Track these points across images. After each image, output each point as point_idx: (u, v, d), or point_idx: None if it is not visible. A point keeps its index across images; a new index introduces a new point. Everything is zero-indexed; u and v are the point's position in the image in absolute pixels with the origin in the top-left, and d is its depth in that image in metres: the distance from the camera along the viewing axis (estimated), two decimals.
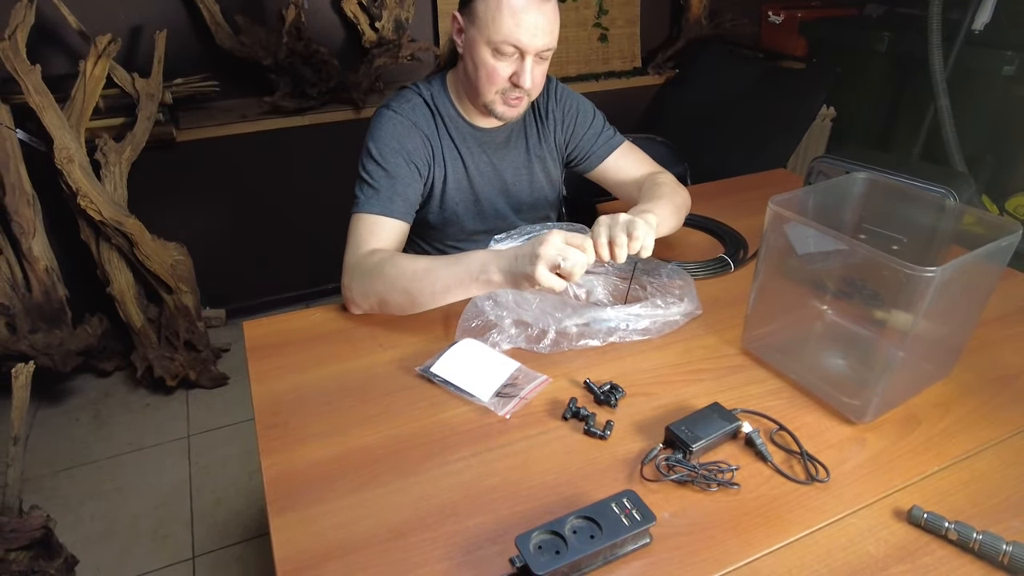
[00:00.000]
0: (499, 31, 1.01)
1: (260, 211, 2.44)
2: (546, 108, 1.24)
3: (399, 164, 1.10)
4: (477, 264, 0.93)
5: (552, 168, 1.29)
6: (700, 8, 2.85)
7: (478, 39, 1.04)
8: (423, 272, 0.97)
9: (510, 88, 1.07)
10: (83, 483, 1.85)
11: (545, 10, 1.01)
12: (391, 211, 1.08)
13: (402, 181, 1.09)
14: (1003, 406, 0.89)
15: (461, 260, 0.95)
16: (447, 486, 0.76)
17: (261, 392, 0.91)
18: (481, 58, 1.05)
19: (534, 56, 1.04)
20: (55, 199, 1.92)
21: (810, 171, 1.28)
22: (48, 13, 1.87)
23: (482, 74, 1.06)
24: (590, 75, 2.73)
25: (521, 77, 1.05)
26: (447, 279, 0.95)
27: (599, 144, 1.27)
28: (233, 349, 2.35)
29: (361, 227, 1.07)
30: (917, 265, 0.72)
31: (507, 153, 1.22)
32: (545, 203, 1.31)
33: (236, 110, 2.23)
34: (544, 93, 1.24)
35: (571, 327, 0.97)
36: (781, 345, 0.98)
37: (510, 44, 1.02)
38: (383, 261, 1.01)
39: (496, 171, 1.22)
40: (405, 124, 1.12)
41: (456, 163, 1.18)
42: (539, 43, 1.02)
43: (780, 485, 0.76)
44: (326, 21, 2.32)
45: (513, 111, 1.11)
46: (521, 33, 1.01)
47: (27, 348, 1.90)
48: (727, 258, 1.21)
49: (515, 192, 1.25)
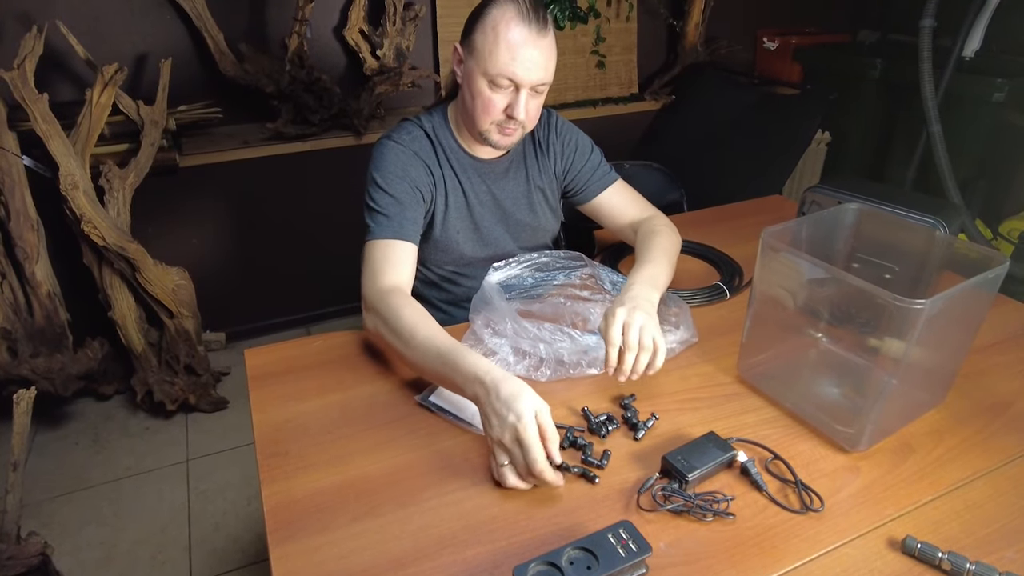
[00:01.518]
0: (495, 64, 1.04)
1: (261, 235, 2.46)
2: (546, 140, 1.27)
3: (404, 190, 1.12)
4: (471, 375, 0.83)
5: (551, 198, 1.31)
6: (696, 35, 2.90)
7: (476, 70, 1.07)
8: (423, 345, 0.92)
9: (505, 119, 1.10)
10: (81, 508, 1.84)
11: (541, 46, 1.05)
12: (403, 234, 1.10)
13: (409, 206, 1.12)
14: (997, 434, 0.90)
15: (457, 352, 0.88)
16: (447, 516, 0.77)
17: (262, 421, 0.92)
18: (478, 89, 1.08)
19: (529, 90, 1.07)
20: (58, 224, 1.94)
21: (803, 201, 1.30)
22: (57, 43, 1.91)
23: (478, 104, 1.09)
24: (588, 101, 2.77)
25: (515, 109, 1.07)
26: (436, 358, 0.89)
27: (595, 179, 1.30)
28: (233, 373, 2.35)
29: (376, 253, 1.08)
30: (907, 296, 0.73)
31: (507, 183, 1.25)
32: (544, 232, 1.33)
33: (238, 136, 2.26)
34: (545, 126, 1.27)
35: (569, 357, 0.98)
36: (776, 373, 0.99)
37: (505, 77, 1.05)
38: (393, 311, 0.98)
39: (496, 200, 1.24)
40: (407, 153, 1.15)
41: (457, 192, 1.20)
42: (534, 78, 1.05)
43: (775, 515, 0.77)
44: (328, 49, 2.36)
45: (507, 140, 1.14)
46: (516, 67, 1.04)
47: (28, 372, 1.90)
48: (722, 285, 1.23)
49: (515, 221, 1.27)
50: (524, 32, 1.03)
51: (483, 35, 1.05)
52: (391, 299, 1.01)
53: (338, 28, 2.34)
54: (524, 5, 1.04)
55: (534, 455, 0.75)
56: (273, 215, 2.44)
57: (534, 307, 1.13)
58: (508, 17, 1.03)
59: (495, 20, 1.03)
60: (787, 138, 2.50)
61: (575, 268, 1.19)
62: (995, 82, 2.29)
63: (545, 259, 1.18)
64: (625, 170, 1.80)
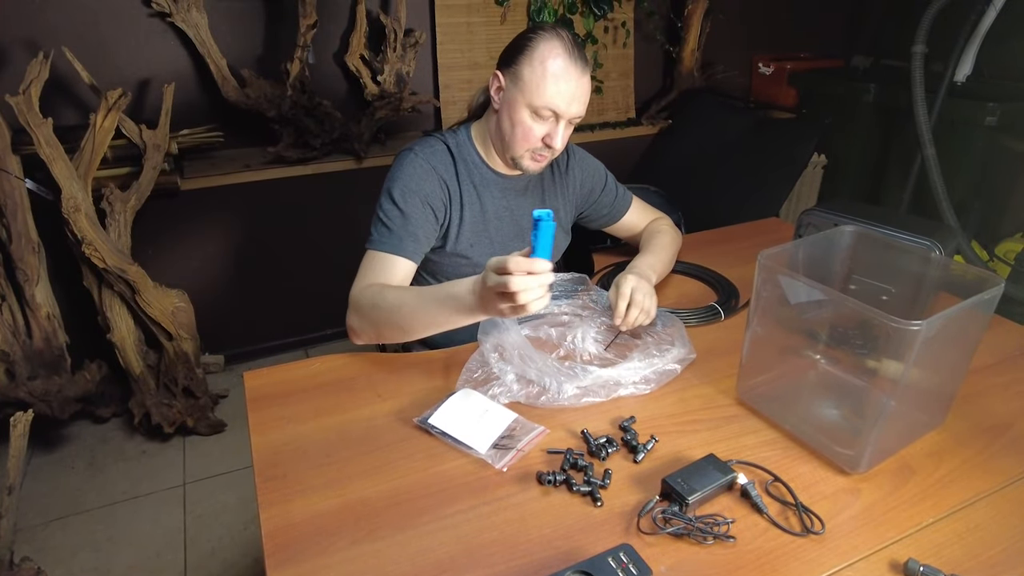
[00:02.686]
0: (542, 96, 1.08)
1: (261, 258, 2.47)
2: (567, 165, 1.34)
3: (415, 204, 1.14)
4: (458, 292, 0.95)
5: (563, 219, 1.35)
6: (692, 60, 2.94)
7: (519, 100, 1.11)
8: (411, 305, 1.01)
9: (541, 147, 1.14)
10: (76, 533, 1.82)
11: (583, 82, 1.11)
12: (401, 250, 1.12)
13: (414, 222, 1.14)
14: (997, 455, 0.90)
15: (443, 290, 0.98)
16: (445, 540, 0.76)
17: (261, 443, 0.92)
18: (519, 117, 1.12)
19: (567, 121, 1.12)
20: (58, 246, 1.95)
21: (799, 224, 1.31)
22: (62, 68, 1.93)
23: (518, 132, 1.13)
24: (586, 126, 2.80)
25: (554, 139, 1.13)
26: (431, 309, 0.99)
27: (616, 206, 1.41)
28: (231, 395, 2.34)
29: (371, 263, 1.13)
30: (904, 318, 0.74)
31: (525, 200, 1.29)
32: (556, 251, 1.37)
33: (240, 160, 2.28)
34: (565, 152, 1.34)
35: (573, 391, 0.99)
36: (775, 395, 0.99)
37: (549, 109, 1.09)
38: (376, 294, 1.06)
39: (513, 216, 1.27)
40: (425, 167, 1.17)
41: (474, 206, 1.23)
42: (575, 111, 1.11)
43: (775, 537, 0.76)
44: (329, 74, 2.39)
45: (537, 165, 1.19)
46: (561, 100, 1.09)
47: (25, 395, 1.89)
48: (718, 307, 1.23)
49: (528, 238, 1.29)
50: (571, 68, 1.08)
51: (531, 67, 1.09)
52: (373, 288, 1.07)
53: (339, 54, 2.37)
54: (570, 43, 1.09)
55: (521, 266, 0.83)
56: (273, 238, 2.46)
57: (541, 332, 1.15)
58: (556, 53, 1.08)
59: (543, 55, 1.08)
60: (783, 161, 2.52)
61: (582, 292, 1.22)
62: (987, 106, 2.32)
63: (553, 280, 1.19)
64: None
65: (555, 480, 0.83)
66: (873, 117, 2.75)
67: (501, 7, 2.52)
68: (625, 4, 2.74)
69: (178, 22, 2.07)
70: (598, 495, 0.81)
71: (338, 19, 2.34)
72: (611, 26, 2.76)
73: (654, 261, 1.26)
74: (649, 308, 1.10)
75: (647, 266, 1.22)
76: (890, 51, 3.03)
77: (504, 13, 2.54)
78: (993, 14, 2.36)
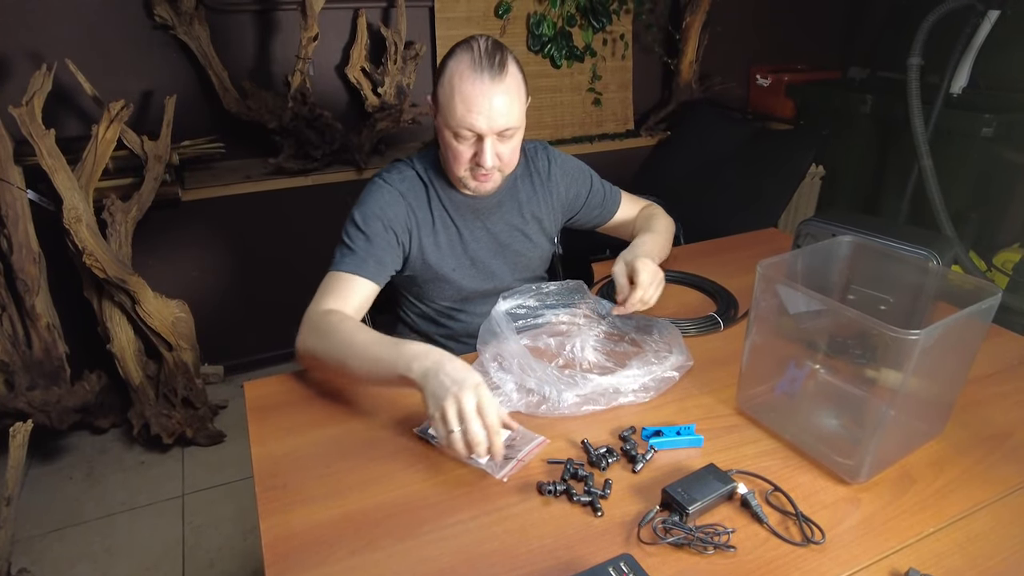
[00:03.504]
0: (454, 117, 1.05)
1: (261, 269, 2.47)
2: (548, 171, 1.30)
3: (377, 229, 1.14)
4: (406, 355, 0.89)
5: (548, 227, 1.33)
6: (690, 72, 2.96)
7: (441, 123, 1.09)
8: (362, 343, 0.95)
9: (476, 166, 1.11)
10: (74, 544, 1.81)
11: (497, 92, 1.04)
12: (362, 271, 1.11)
13: (378, 244, 1.14)
14: (997, 465, 0.90)
15: (395, 346, 0.92)
16: (445, 550, 0.76)
17: (261, 454, 0.92)
18: (446, 140, 1.10)
19: (495, 136, 1.07)
20: (59, 256, 1.95)
21: (798, 234, 1.31)
22: (65, 79, 1.95)
23: (449, 155, 1.11)
24: (585, 137, 2.82)
25: (481, 158, 1.08)
26: (373, 359, 0.93)
27: (606, 206, 1.39)
28: (230, 406, 2.34)
29: (330, 283, 1.10)
30: (902, 327, 0.74)
31: (501, 216, 1.26)
32: (540, 261, 1.35)
33: (241, 170, 2.29)
34: (544, 158, 1.30)
35: (572, 400, 0.99)
36: (775, 404, 0.99)
37: (465, 129, 1.05)
38: (332, 324, 1.01)
39: (490, 234, 1.26)
40: (392, 193, 1.17)
41: (450, 230, 1.22)
42: (495, 125, 1.05)
43: (776, 547, 0.76)
44: (330, 86, 2.41)
45: (484, 186, 1.15)
46: (474, 119, 1.04)
47: (24, 405, 1.89)
48: (717, 317, 1.24)
49: (511, 252, 1.29)
50: (477, 82, 1.02)
51: (442, 88, 1.07)
52: (330, 316, 1.04)
53: (340, 66, 2.39)
54: (478, 53, 1.04)
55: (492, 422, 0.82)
56: (274, 248, 2.46)
57: (540, 342, 1.15)
58: (461, 69, 1.03)
59: (451, 73, 1.05)
60: (782, 172, 2.53)
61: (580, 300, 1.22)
62: (983, 117, 2.34)
63: (553, 288, 1.21)
64: None
65: (555, 490, 0.83)
66: (870, 128, 2.77)
67: (501, 20, 2.54)
68: (624, 17, 2.77)
69: (180, 35, 2.09)
70: (599, 505, 0.81)
71: (339, 32, 2.36)
72: (610, 38, 2.78)
73: (652, 246, 1.26)
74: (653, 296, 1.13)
75: (647, 243, 1.25)
76: (886, 63, 3.06)
77: (504, 26, 2.56)
78: (988, 26, 2.38)
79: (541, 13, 2.60)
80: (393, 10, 2.37)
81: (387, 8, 2.39)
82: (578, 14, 2.66)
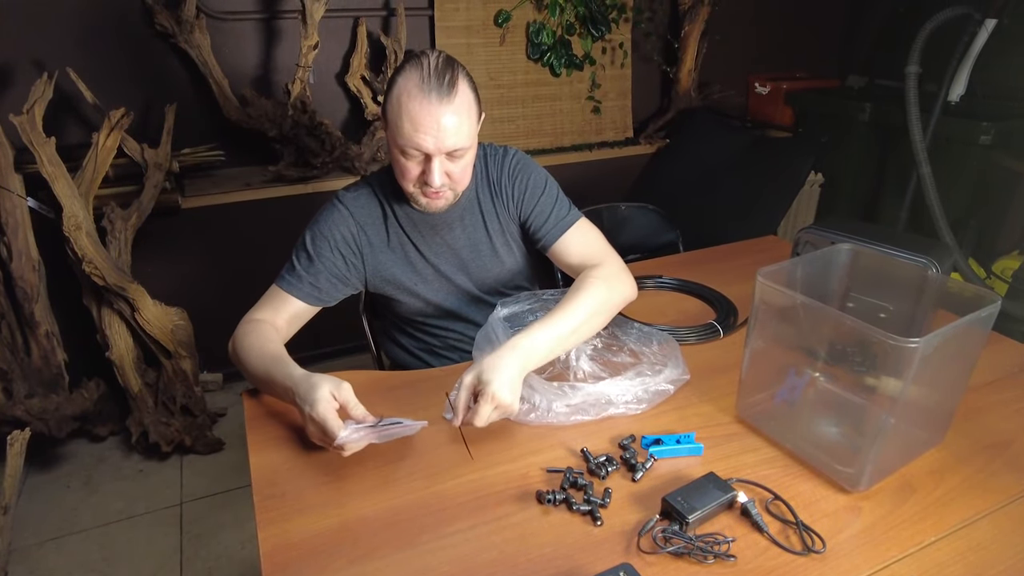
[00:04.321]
0: (401, 135, 1.02)
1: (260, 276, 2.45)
2: (499, 182, 1.23)
3: (323, 249, 1.16)
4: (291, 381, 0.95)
5: (513, 239, 1.28)
6: (689, 81, 2.98)
7: (390, 140, 1.07)
8: (257, 355, 1.04)
9: (425, 184, 1.07)
10: (71, 553, 1.80)
11: (445, 112, 1.00)
12: (297, 290, 1.15)
13: (319, 267, 1.16)
14: (998, 473, 0.90)
15: (280, 364, 1.00)
16: (445, 559, 0.76)
17: (259, 462, 0.92)
18: (394, 157, 1.07)
19: (444, 155, 1.04)
20: (59, 264, 1.95)
21: (797, 242, 1.32)
22: (66, 87, 1.95)
23: (397, 171, 1.09)
24: (584, 145, 2.83)
25: (429, 177, 1.05)
26: (264, 370, 1.01)
27: (551, 224, 1.21)
28: (229, 414, 2.33)
29: (268, 295, 1.18)
30: (902, 335, 0.74)
31: (462, 231, 1.23)
32: (515, 274, 1.30)
33: (240, 178, 2.29)
34: (499, 166, 1.23)
35: (561, 410, 0.98)
36: (774, 413, 0.99)
37: (412, 147, 1.03)
38: (249, 333, 1.08)
39: (452, 250, 1.23)
40: (343, 213, 1.18)
41: (408, 247, 1.21)
42: (444, 145, 1.02)
43: (776, 556, 0.76)
44: (330, 94, 2.42)
45: (435, 203, 1.11)
46: (421, 138, 1.01)
47: (22, 413, 1.89)
48: (716, 324, 1.23)
49: (476, 267, 1.25)
50: (425, 101, 0.99)
51: (391, 106, 1.03)
52: (249, 324, 1.11)
53: (340, 74, 2.40)
54: (427, 71, 1.00)
55: (330, 430, 0.86)
56: (273, 256, 2.45)
57: None
58: (410, 87, 1.00)
59: (399, 90, 1.01)
60: (781, 179, 2.54)
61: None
62: (981, 125, 2.35)
63: (552, 296, 1.20)
64: (621, 212, 1.83)
65: (555, 499, 0.83)
66: (869, 136, 2.78)
67: (500, 28, 2.55)
68: (623, 25, 2.78)
69: (181, 43, 2.10)
70: (598, 514, 0.81)
71: (339, 40, 2.37)
72: (609, 47, 2.80)
73: (548, 334, 1.00)
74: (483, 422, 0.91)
75: (538, 345, 0.98)
76: (884, 71, 3.07)
77: (503, 35, 2.58)
78: (985, 35, 2.40)
79: (540, 22, 2.61)
80: (393, 19, 2.38)
81: (387, 17, 2.40)
82: (577, 23, 2.67)
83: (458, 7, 2.49)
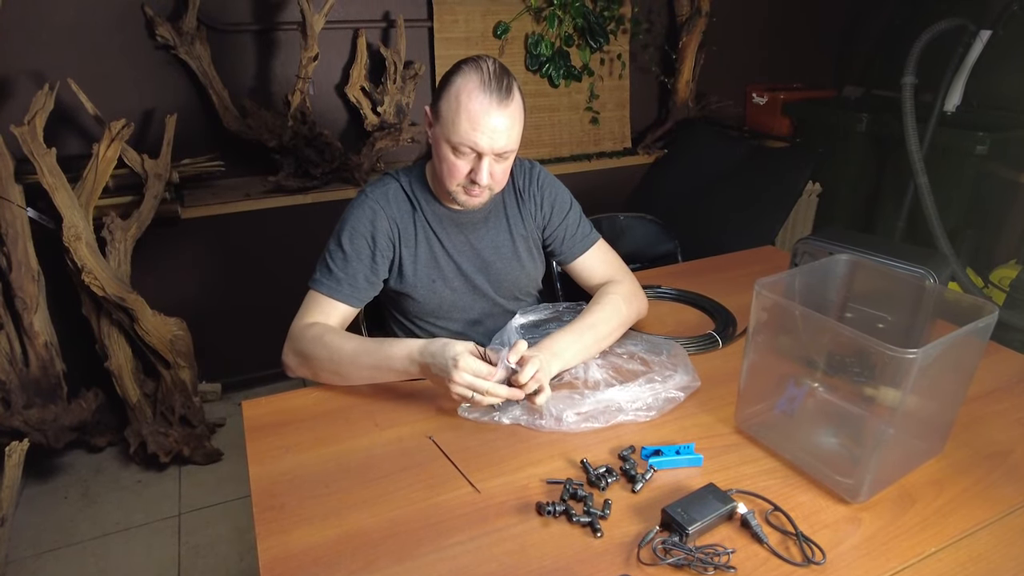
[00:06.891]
0: (457, 133, 1.06)
1: (259, 287, 2.47)
2: (527, 190, 1.29)
3: (361, 246, 1.17)
4: (399, 353, 1.01)
5: (535, 246, 1.32)
6: (687, 91, 2.99)
7: (441, 136, 1.10)
8: (351, 354, 1.06)
9: (470, 183, 1.12)
10: (68, 565, 1.79)
11: (502, 115, 1.06)
12: (338, 293, 1.16)
13: (355, 265, 1.17)
14: (997, 483, 0.90)
15: (385, 346, 1.04)
16: (444, 571, 0.76)
17: (259, 473, 0.91)
18: (443, 154, 1.11)
19: (492, 156, 1.09)
20: (58, 274, 1.95)
21: (795, 252, 1.32)
22: (67, 98, 1.96)
23: (444, 168, 1.12)
24: (582, 155, 2.84)
25: (478, 175, 1.09)
26: (370, 363, 1.05)
27: (575, 241, 1.30)
28: (228, 424, 2.32)
29: (311, 302, 1.17)
30: (900, 346, 0.74)
31: (486, 232, 1.26)
32: (531, 280, 1.34)
33: (240, 188, 2.30)
34: (526, 176, 1.29)
35: (570, 417, 0.99)
36: (774, 423, 0.99)
37: (467, 145, 1.07)
38: (318, 337, 1.09)
39: (475, 250, 1.26)
40: (375, 207, 1.19)
41: (433, 243, 1.23)
42: (497, 146, 1.07)
43: (776, 568, 0.76)
44: (330, 105, 2.43)
45: (474, 200, 1.16)
46: (478, 137, 1.06)
47: (20, 424, 1.88)
48: (715, 335, 1.24)
49: (496, 270, 1.28)
50: (485, 102, 1.04)
51: (447, 103, 1.07)
52: (315, 328, 1.11)
53: (340, 85, 2.41)
54: (488, 74, 1.06)
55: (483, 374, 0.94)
56: (272, 267, 2.46)
57: None
58: (471, 87, 1.05)
59: (458, 89, 1.06)
60: (778, 190, 2.55)
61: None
62: (977, 135, 2.36)
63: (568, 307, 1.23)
64: (620, 222, 1.84)
65: (555, 511, 0.83)
66: (866, 146, 2.79)
67: (499, 40, 2.57)
68: (621, 37, 2.80)
69: (182, 54, 2.12)
70: (598, 525, 0.81)
71: (339, 51, 2.39)
72: (607, 58, 2.81)
73: (575, 340, 1.10)
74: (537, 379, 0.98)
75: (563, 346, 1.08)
76: (881, 82, 3.09)
77: (502, 46, 2.59)
78: (980, 46, 2.41)
79: (539, 33, 2.63)
80: (393, 30, 2.39)
81: (387, 28, 2.42)
82: (576, 34, 2.69)
83: (457, 19, 2.50)
